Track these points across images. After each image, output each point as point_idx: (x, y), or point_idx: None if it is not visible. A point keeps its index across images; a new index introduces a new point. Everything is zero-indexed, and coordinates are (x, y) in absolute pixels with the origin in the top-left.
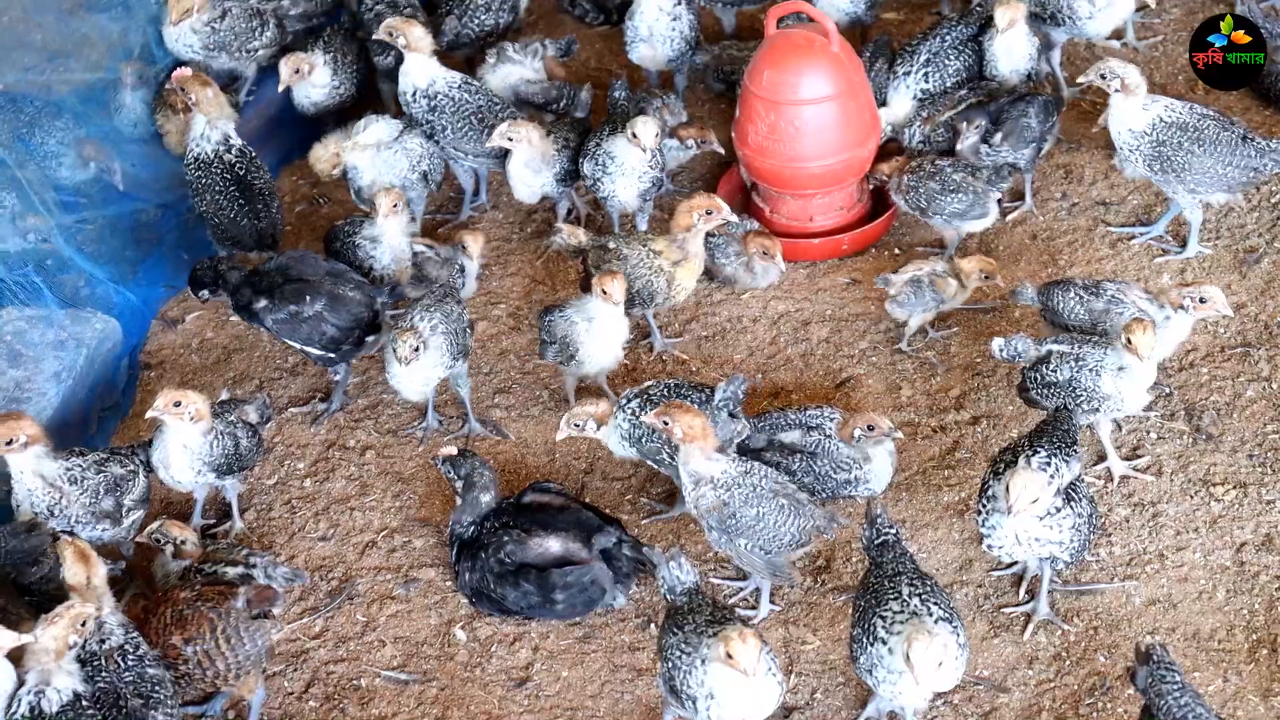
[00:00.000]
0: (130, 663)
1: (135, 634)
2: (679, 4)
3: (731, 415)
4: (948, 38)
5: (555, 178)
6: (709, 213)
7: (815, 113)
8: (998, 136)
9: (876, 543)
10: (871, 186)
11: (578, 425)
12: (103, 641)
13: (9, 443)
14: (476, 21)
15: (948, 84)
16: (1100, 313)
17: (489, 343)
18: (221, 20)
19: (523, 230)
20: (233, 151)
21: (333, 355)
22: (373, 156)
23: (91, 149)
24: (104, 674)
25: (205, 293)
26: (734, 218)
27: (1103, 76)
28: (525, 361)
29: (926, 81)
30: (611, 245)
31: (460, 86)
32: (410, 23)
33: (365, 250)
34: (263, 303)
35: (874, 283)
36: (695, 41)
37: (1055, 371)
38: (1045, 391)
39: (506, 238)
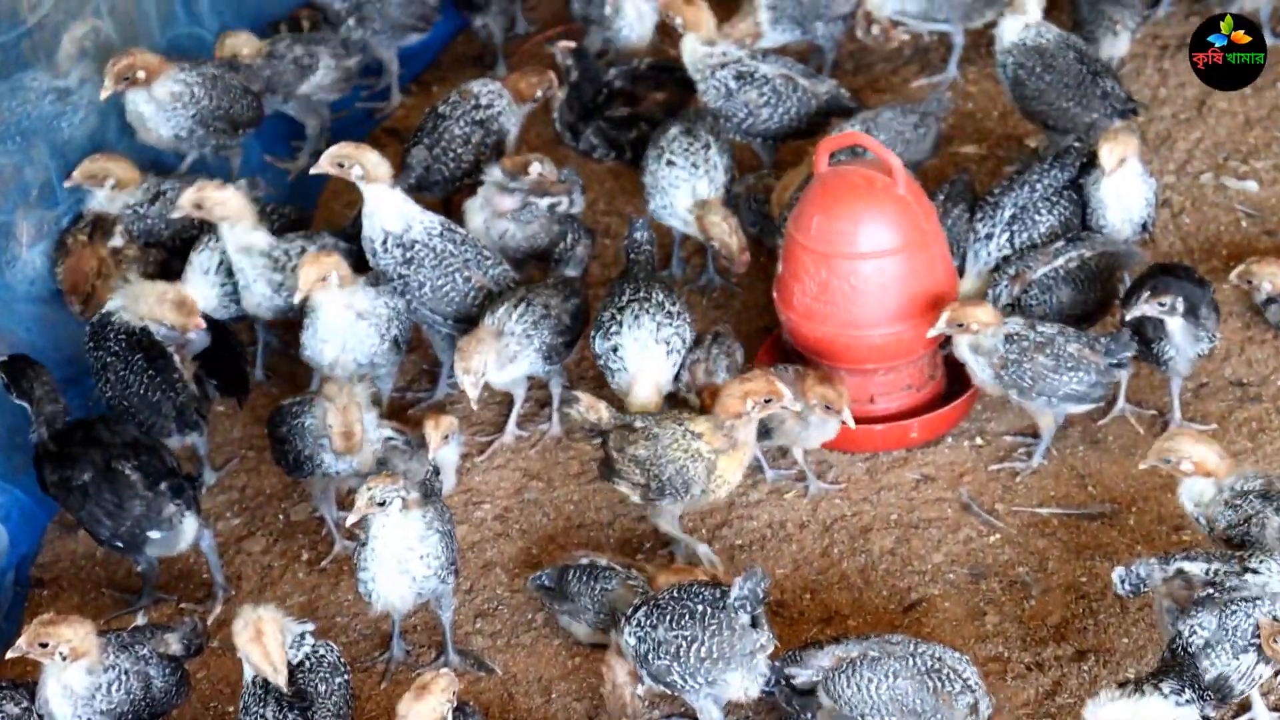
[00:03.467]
0: None
1: None
2: (708, 147)
3: (753, 622)
4: (1039, 186)
5: (540, 356)
6: (767, 400)
7: (877, 269)
8: (1211, 319)
9: None
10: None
11: None
12: None
13: None
14: (452, 155)
15: (1037, 244)
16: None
17: (470, 552)
18: (151, 204)
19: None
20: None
21: (115, 544)
22: (342, 326)
23: None
24: None
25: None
26: (798, 405)
27: None
28: (515, 577)
29: (1011, 245)
30: (639, 425)
31: (442, 234)
32: (362, 148)
33: (315, 435)
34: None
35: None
36: (728, 188)
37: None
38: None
39: (492, 420)
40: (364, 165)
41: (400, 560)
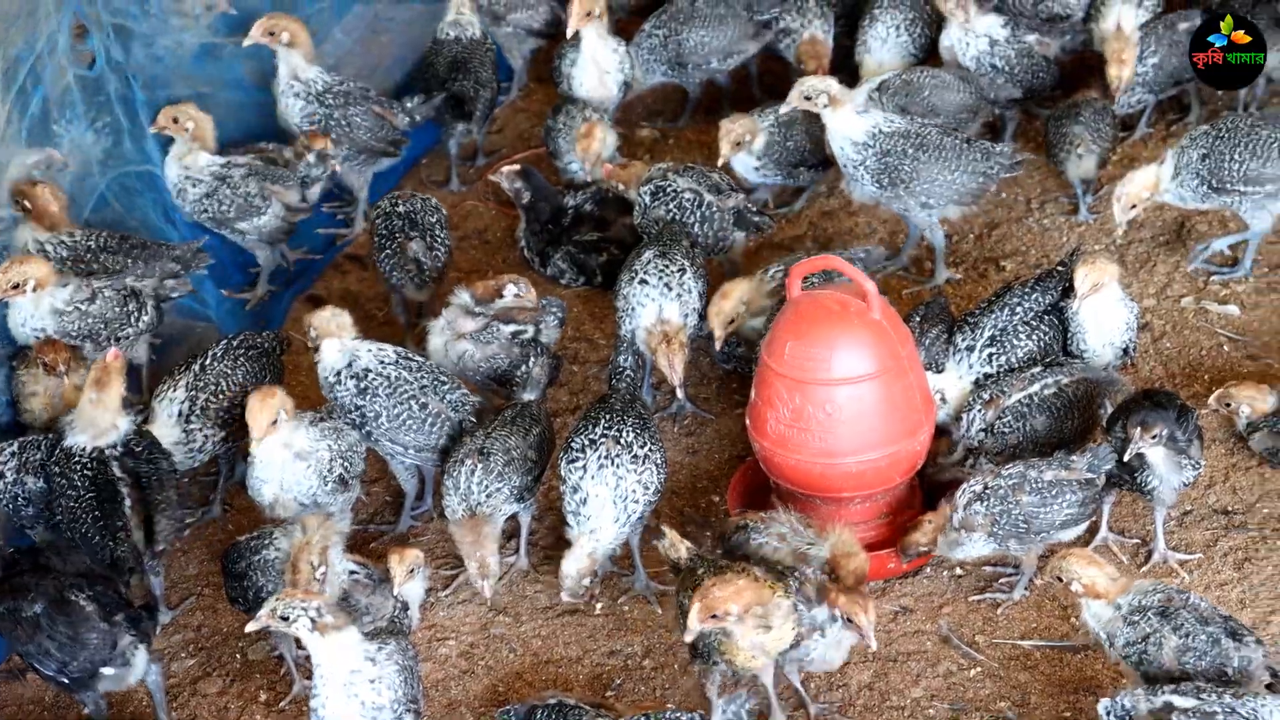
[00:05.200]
0: None
1: None
2: (683, 271)
3: None
4: (1018, 309)
5: (514, 500)
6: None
7: (852, 395)
8: (1195, 446)
9: None
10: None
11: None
12: None
13: None
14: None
15: (1016, 368)
16: None
17: (434, 691)
18: (90, 303)
19: None
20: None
21: (63, 680)
22: (280, 465)
23: None
24: None
25: None
26: (872, 641)
27: (807, 98)
28: (480, 716)
29: (990, 364)
30: (700, 571)
31: (397, 362)
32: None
33: (276, 569)
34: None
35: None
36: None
37: None
38: None
39: (457, 553)
40: (316, 327)
41: (348, 684)
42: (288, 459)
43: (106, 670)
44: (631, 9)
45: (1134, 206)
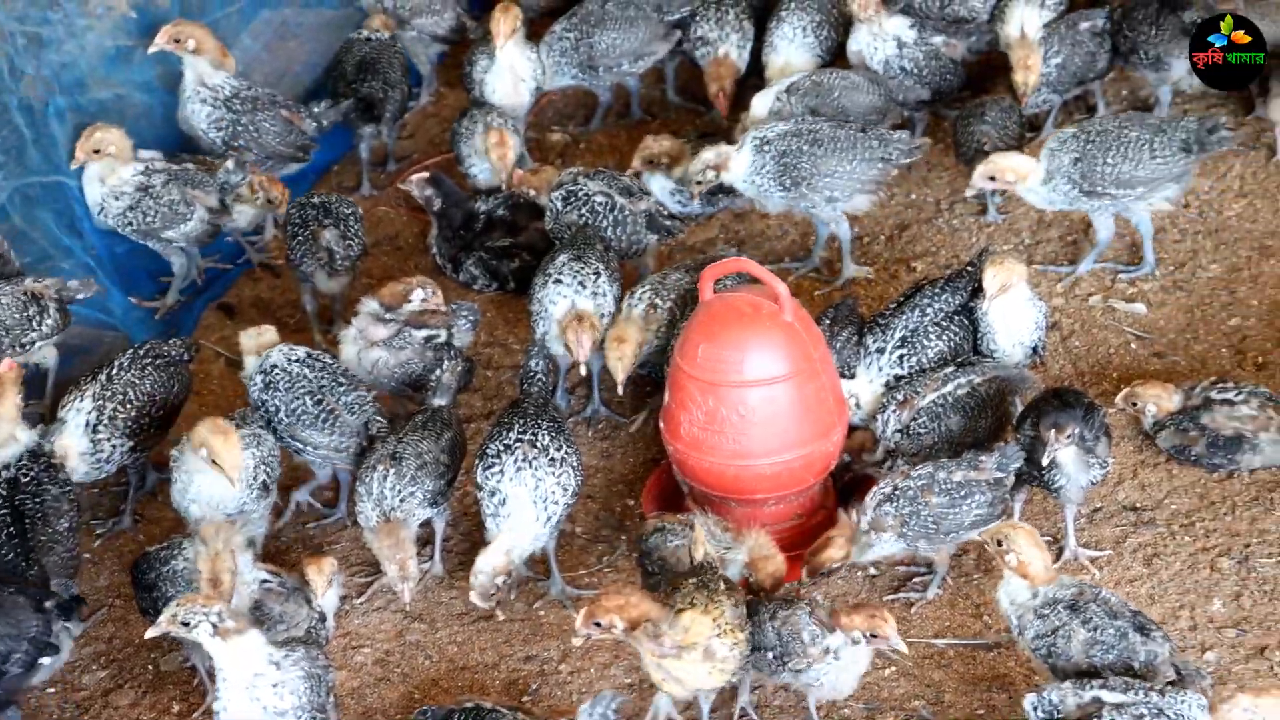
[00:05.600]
0: None
1: None
2: (598, 274)
3: None
4: (929, 309)
5: (427, 504)
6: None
7: (765, 397)
8: (1103, 445)
9: None
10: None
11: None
12: None
13: None
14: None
15: (927, 368)
16: None
17: (350, 698)
18: None
19: None
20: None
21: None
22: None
23: None
24: None
25: None
26: (902, 645)
27: (698, 182)
28: None
29: (901, 366)
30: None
31: (303, 360)
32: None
33: (186, 579)
34: None
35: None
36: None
37: None
38: None
39: (370, 560)
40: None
41: (250, 687)
42: (211, 478)
43: (44, 660)
44: (541, 10)
45: (993, 179)
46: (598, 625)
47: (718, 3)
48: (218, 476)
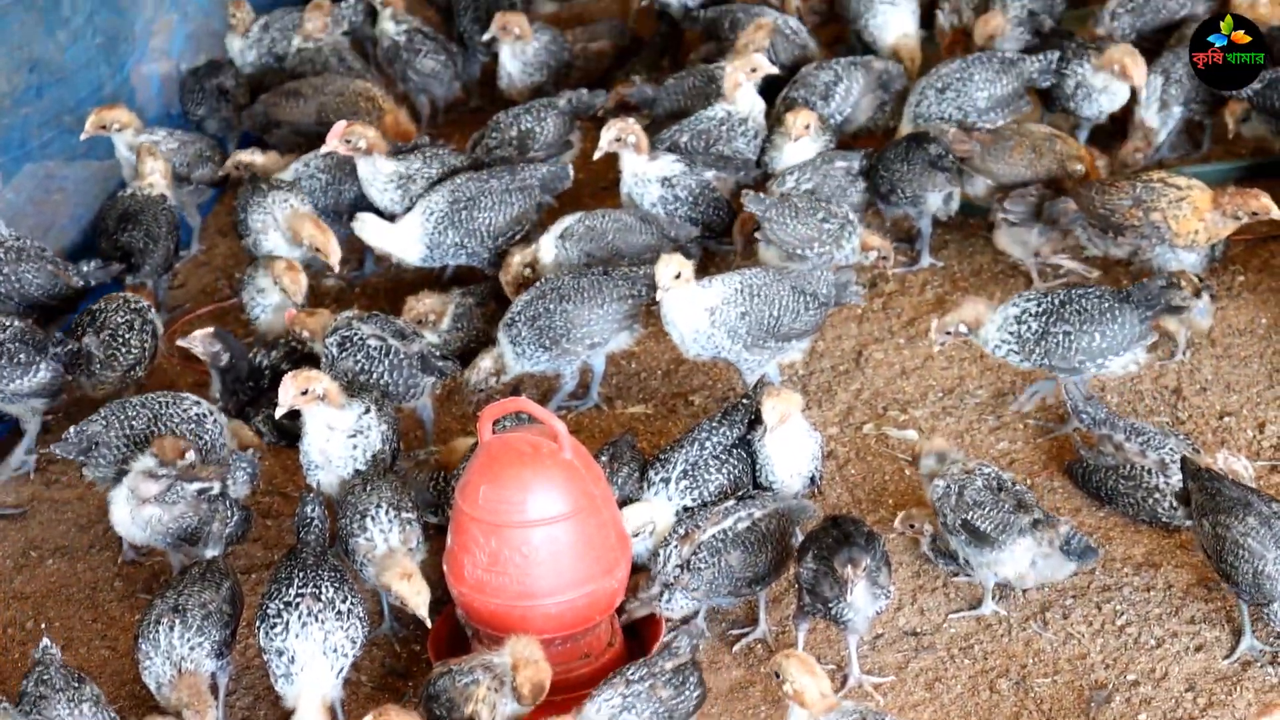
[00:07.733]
0: None
1: None
2: (368, 410)
3: None
4: (707, 444)
5: (214, 655)
6: None
7: (548, 536)
8: (884, 573)
9: None
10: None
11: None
12: None
13: None
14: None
15: (708, 502)
16: None
17: None
18: None
19: None
20: None
21: None
22: None
23: None
24: None
25: None
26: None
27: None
28: None
29: (686, 497)
30: None
31: None
32: None
33: None
34: None
35: None
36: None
37: None
38: None
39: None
40: None
41: None
42: None
43: None
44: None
45: (948, 334)
46: None
47: None
48: None
